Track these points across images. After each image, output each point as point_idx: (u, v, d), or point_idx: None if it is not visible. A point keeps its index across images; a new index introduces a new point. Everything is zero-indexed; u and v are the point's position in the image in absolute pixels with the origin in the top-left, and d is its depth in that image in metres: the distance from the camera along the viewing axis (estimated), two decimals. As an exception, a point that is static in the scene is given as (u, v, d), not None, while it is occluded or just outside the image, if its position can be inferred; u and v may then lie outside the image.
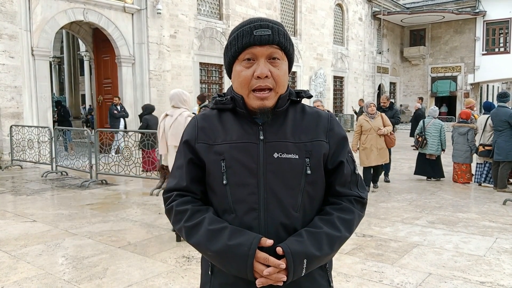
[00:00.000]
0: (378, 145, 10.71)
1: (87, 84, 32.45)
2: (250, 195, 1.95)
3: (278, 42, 1.95)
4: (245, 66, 1.97)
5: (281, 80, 1.97)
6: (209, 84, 23.86)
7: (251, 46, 1.94)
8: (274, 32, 1.95)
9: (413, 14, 39.55)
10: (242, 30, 1.97)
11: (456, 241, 7.00)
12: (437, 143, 12.39)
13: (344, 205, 2.05)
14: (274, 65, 1.95)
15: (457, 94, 41.03)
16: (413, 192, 10.93)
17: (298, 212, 1.97)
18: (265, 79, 1.92)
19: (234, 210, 1.97)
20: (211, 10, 23.82)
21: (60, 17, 16.70)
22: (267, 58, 1.95)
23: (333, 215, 2.01)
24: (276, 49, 1.96)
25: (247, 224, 1.94)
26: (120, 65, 19.24)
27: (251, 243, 1.84)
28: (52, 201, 10.09)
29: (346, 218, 2.02)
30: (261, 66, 1.93)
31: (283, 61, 1.99)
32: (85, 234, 7.35)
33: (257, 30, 1.94)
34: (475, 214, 8.81)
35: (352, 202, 2.08)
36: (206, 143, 2.03)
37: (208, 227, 1.93)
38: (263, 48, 1.94)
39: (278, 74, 1.95)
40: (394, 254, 6.37)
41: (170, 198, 2.10)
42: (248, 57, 1.96)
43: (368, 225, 7.90)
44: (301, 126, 2.04)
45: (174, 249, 6.56)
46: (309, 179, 1.98)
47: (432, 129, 12.48)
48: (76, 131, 16.37)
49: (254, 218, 1.94)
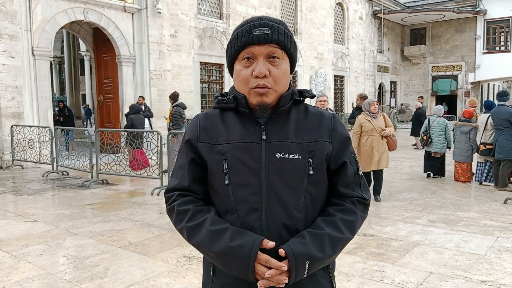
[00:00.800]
0: (379, 147, 9.64)
1: (87, 84, 32.53)
2: (252, 195, 1.94)
3: (278, 41, 1.94)
4: (244, 65, 1.96)
5: (280, 79, 1.96)
6: (210, 83, 23.83)
7: (250, 45, 1.94)
8: (274, 31, 1.94)
9: (413, 13, 39.50)
10: (242, 29, 1.97)
11: (457, 240, 7.00)
12: (442, 141, 12.47)
13: (346, 206, 2.04)
14: (274, 64, 1.95)
15: (458, 93, 41.01)
16: (414, 191, 10.93)
17: (301, 212, 1.96)
18: (263, 78, 1.92)
19: (236, 210, 1.96)
20: (212, 10, 23.81)
21: (60, 16, 16.71)
22: (266, 57, 1.94)
23: (335, 216, 2.00)
24: (276, 48, 1.94)
25: (249, 224, 1.93)
26: (121, 64, 19.25)
27: (253, 244, 1.83)
28: (53, 201, 10.10)
29: (349, 220, 2.01)
30: (259, 65, 1.92)
31: (283, 60, 1.98)
32: (86, 234, 7.35)
33: (256, 29, 1.94)
34: (476, 213, 8.81)
35: (354, 203, 2.07)
36: (208, 142, 2.03)
37: (209, 227, 1.92)
38: (262, 47, 1.93)
39: (277, 73, 1.95)
40: (395, 253, 6.37)
41: (172, 197, 2.09)
42: (247, 56, 1.95)
43: (369, 224, 7.91)
44: (304, 126, 2.03)
45: (175, 248, 6.56)
46: (312, 180, 1.97)
47: (437, 127, 12.54)
48: (76, 131, 16.40)
49: (256, 219, 1.93)
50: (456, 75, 41.17)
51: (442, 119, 12.77)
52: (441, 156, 12.73)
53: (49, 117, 16.41)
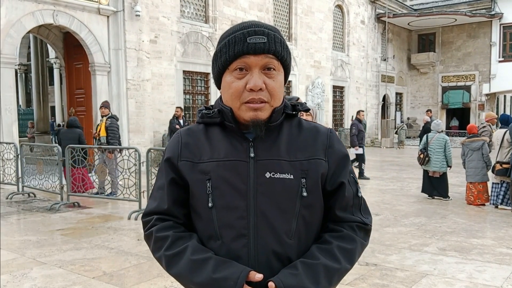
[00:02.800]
0: None
1: (57, 95, 32.34)
2: (239, 220, 1.94)
3: (275, 51, 1.94)
4: (237, 76, 1.95)
5: (276, 93, 1.96)
6: (194, 94, 23.86)
7: (244, 55, 1.92)
8: (270, 40, 1.94)
9: (421, 16, 39.54)
10: (234, 37, 1.95)
11: (470, 270, 7.04)
12: (441, 160, 12.55)
13: (345, 233, 2.04)
14: (269, 76, 1.94)
15: (471, 106, 40.95)
16: (422, 216, 10.96)
17: (292, 239, 1.96)
18: (258, 91, 1.91)
19: (221, 236, 1.96)
20: (196, 12, 23.88)
21: (27, 20, 16.68)
22: (262, 68, 1.93)
23: (332, 244, 2.00)
24: (272, 59, 1.94)
25: (235, 252, 1.93)
26: (94, 73, 19.17)
27: (238, 277, 1.82)
28: (18, 226, 10.07)
29: (347, 248, 2.00)
30: (254, 77, 1.91)
31: (279, 72, 1.98)
32: (55, 263, 7.34)
33: (251, 37, 1.92)
34: (491, 240, 8.86)
35: (354, 229, 2.06)
36: (191, 161, 2.02)
37: (191, 256, 1.92)
38: (258, 57, 1.92)
39: (274, 86, 1.94)
40: (401, 285, 6.40)
41: (150, 222, 2.09)
42: (240, 66, 1.94)
43: (372, 252, 7.93)
44: (297, 143, 2.03)
45: (155, 279, 6.56)
46: (305, 202, 1.97)
47: (436, 144, 12.63)
48: (45, 148, 16.37)
49: (243, 246, 1.93)
50: (469, 86, 41.18)
51: (442, 135, 12.87)
52: (441, 175, 12.79)
53: (13, 132, 16.32)
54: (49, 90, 32.43)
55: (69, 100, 21.18)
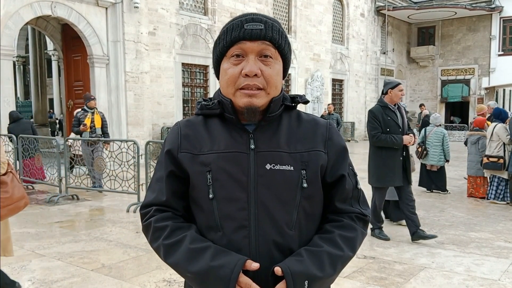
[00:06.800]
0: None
1: (55, 87, 32.37)
2: (240, 211, 1.95)
3: (271, 38, 1.96)
4: (233, 63, 1.97)
5: (272, 80, 1.97)
6: (193, 87, 23.85)
7: (241, 41, 1.94)
8: (267, 27, 1.95)
9: (421, 9, 39.41)
10: (232, 24, 1.98)
11: (468, 264, 7.07)
12: (438, 154, 12.56)
13: (345, 222, 2.06)
14: (266, 64, 1.96)
15: (470, 100, 40.86)
16: (421, 209, 10.94)
17: (293, 230, 1.98)
18: (254, 77, 1.93)
19: (221, 227, 1.96)
20: (195, 4, 23.82)
21: (25, 11, 16.63)
22: (258, 55, 1.95)
23: (333, 233, 2.02)
24: (269, 46, 1.96)
25: (236, 243, 1.94)
26: (93, 65, 19.11)
27: (235, 265, 1.84)
28: (17, 218, 10.07)
29: (349, 236, 2.02)
30: (250, 63, 1.93)
31: (276, 60, 2.00)
32: (54, 255, 7.36)
33: (249, 24, 1.94)
34: (489, 233, 8.89)
35: (353, 219, 2.09)
36: (191, 152, 2.03)
37: (189, 245, 1.93)
38: (254, 43, 1.94)
39: (270, 73, 1.96)
40: (399, 278, 6.42)
41: (149, 213, 2.09)
42: (237, 53, 1.96)
43: (370, 245, 7.96)
44: (297, 135, 2.04)
45: (153, 272, 6.58)
46: (306, 193, 1.98)
47: (434, 138, 12.64)
48: (43, 140, 16.34)
49: (244, 237, 1.94)
50: (468, 80, 41.08)
51: (440, 129, 12.90)
52: (439, 169, 12.85)
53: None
54: (47, 82, 32.37)
55: (67, 92, 21.13)
